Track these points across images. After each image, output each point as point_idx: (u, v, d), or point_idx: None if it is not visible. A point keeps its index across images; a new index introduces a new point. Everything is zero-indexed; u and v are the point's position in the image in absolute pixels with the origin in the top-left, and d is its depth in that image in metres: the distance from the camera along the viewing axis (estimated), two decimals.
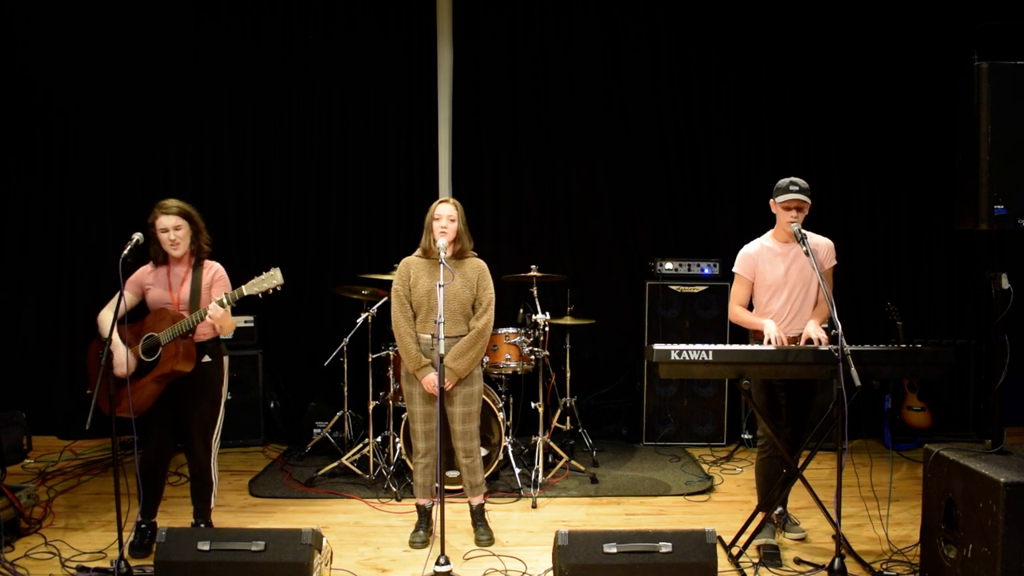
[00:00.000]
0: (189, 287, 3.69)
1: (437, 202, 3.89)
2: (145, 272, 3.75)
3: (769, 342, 3.58)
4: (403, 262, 3.94)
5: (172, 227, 3.65)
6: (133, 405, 3.52)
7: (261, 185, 6.16)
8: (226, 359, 3.89)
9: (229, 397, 5.58)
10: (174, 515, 4.13)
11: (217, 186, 6.12)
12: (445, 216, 3.81)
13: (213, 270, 3.79)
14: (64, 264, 6.01)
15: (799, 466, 3.64)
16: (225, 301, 3.55)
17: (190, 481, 3.89)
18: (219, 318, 3.57)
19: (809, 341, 3.60)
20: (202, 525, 3.84)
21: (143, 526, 3.74)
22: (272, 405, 5.90)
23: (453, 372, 3.78)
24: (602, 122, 6.18)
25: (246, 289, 3.60)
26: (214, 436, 3.85)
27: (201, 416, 3.76)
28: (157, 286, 3.70)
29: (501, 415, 4.72)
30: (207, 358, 3.73)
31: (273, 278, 3.61)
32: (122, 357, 3.51)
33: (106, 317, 3.66)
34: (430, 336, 3.80)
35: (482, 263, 3.95)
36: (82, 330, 5.78)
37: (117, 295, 3.65)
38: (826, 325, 3.71)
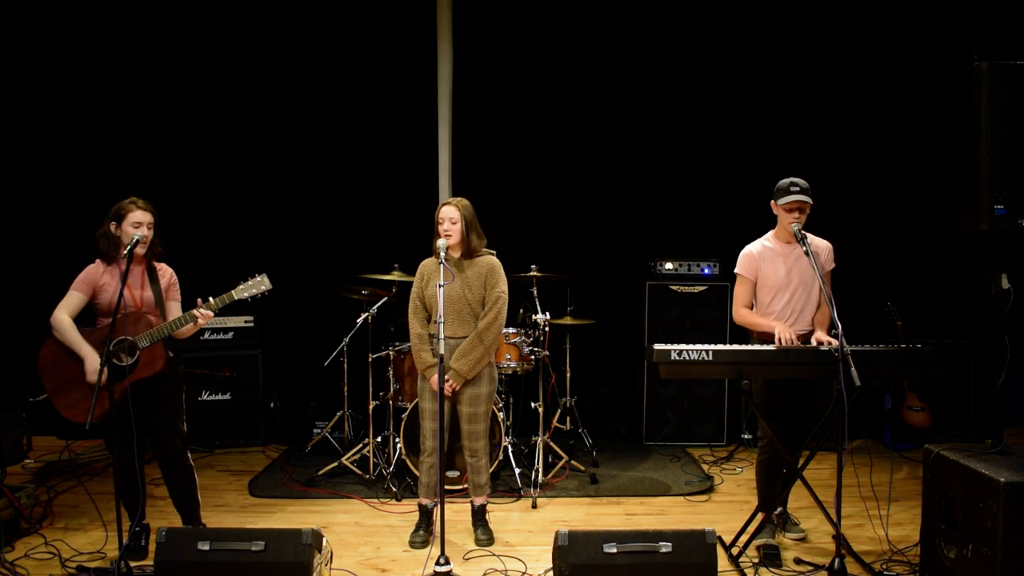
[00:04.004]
0: (151, 290, 3.66)
1: (441, 204, 3.91)
2: (97, 272, 3.62)
3: (780, 342, 3.57)
4: (420, 264, 3.99)
5: (146, 223, 3.58)
6: (106, 409, 3.40)
7: (261, 185, 6.16)
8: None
9: (227, 397, 5.66)
10: (172, 515, 4.12)
11: (217, 186, 6.13)
12: (447, 219, 3.82)
13: (168, 273, 3.77)
14: (64, 264, 6.01)
15: (799, 466, 3.64)
16: (215, 304, 3.55)
17: (168, 483, 3.80)
18: (206, 322, 3.58)
19: (820, 343, 3.60)
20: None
21: (136, 529, 3.72)
22: (272, 405, 5.90)
23: (456, 373, 3.78)
24: (602, 122, 6.18)
25: (236, 293, 3.62)
26: (184, 429, 3.82)
27: (172, 413, 3.73)
28: (114, 287, 3.57)
29: (501, 415, 4.72)
30: (170, 353, 3.69)
31: (261, 284, 3.65)
32: (94, 365, 3.45)
33: (64, 320, 3.54)
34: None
35: (492, 261, 3.92)
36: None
37: (72, 292, 3.57)
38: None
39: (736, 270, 3.88)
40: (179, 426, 3.76)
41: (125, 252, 3.46)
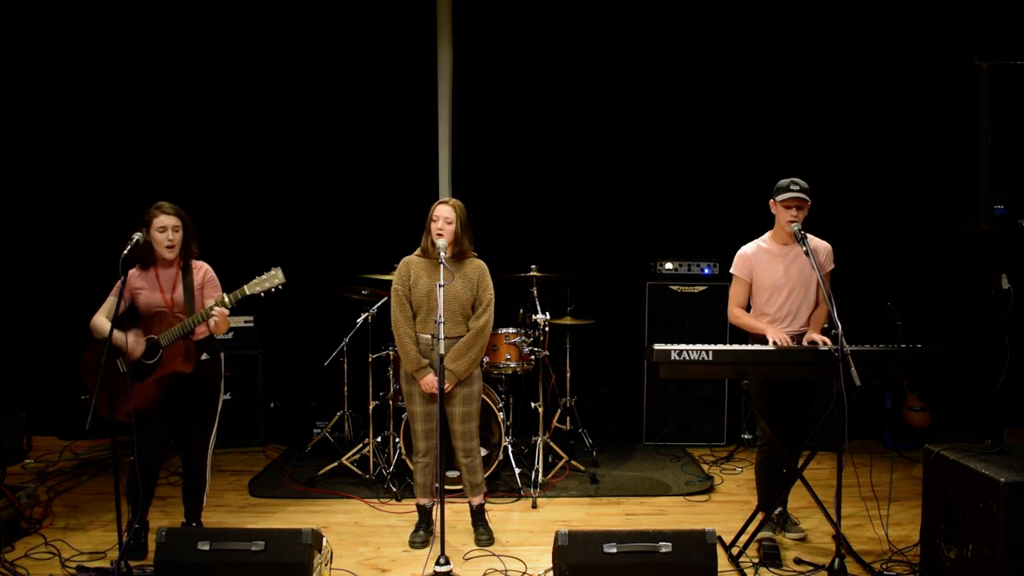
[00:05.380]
0: (182, 289, 3.69)
1: (436, 203, 3.89)
2: (133, 276, 3.70)
3: (774, 343, 3.57)
4: (403, 261, 3.93)
5: (171, 227, 3.65)
6: (135, 407, 3.52)
7: (261, 184, 6.16)
8: (222, 356, 3.91)
9: (227, 397, 5.65)
10: (173, 515, 4.13)
11: (217, 185, 6.13)
12: (442, 218, 3.80)
13: (203, 271, 3.79)
14: (64, 263, 6.01)
15: (799, 466, 3.64)
16: (228, 301, 3.55)
17: (184, 480, 3.89)
18: (222, 319, 3.58)
19: (811, 342, 3.60)
20: (193, 524, 3.85)
21: (136, 526, 3.74)
22: (272, 405, 5.90)
23: (452, 373, 3.78)
24: (603, 120, 6.18)
25: (248, 289, 3.60)
26: (211, 435, 3.87)
27: (201, 415, 3.78)
28: (148, 289, 3.67)
29: (501, 415, 4.72)
30: (205, 356, 3.74)
31: (275, 278, 3.62)
32: (131, 345, 3.56)
33: (101, 322, 3.66)
34: (430, 336, 3.80)
35: (482, 264, 3.94)
36: (82, 330, 5.77)
37: (110, 298, 3.68)
38: (826, 325, 3.71)
39: (732, 270, 3.91)
40: (204, 434, 3.84)
41: (125, 254, 3.47)
